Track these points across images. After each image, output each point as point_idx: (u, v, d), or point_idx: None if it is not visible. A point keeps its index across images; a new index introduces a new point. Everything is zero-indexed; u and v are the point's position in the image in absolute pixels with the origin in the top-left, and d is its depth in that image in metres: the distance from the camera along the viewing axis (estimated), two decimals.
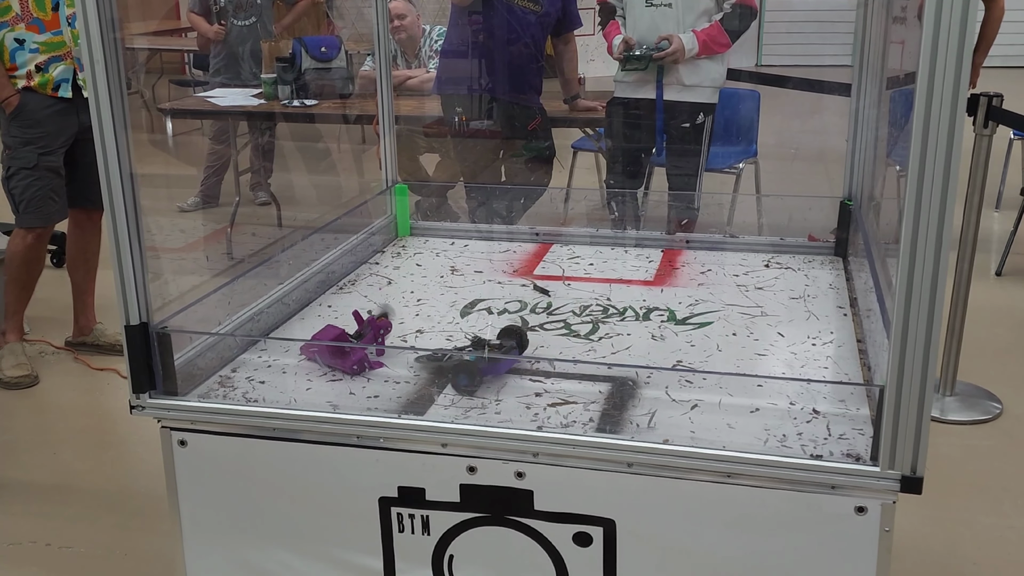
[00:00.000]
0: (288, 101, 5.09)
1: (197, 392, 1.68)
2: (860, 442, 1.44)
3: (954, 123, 1.17)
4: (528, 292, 2.13)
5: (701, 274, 2.22)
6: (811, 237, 2.35)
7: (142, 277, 1.58)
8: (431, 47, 5.06)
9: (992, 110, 3.16)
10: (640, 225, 3.53)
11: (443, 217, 3.50)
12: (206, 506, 1.66)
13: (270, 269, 2.10)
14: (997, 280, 4.55)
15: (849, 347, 1.80)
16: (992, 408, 3.31)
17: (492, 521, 1.54)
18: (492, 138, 4.43)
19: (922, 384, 1.28)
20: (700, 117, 3.91)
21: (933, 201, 1.20)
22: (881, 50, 2.21)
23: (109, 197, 1.53)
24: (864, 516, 1.38)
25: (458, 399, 1.61)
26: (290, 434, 1.58)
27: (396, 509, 1.57)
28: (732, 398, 1.60)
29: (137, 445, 3.10)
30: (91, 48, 1.46)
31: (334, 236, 2.34)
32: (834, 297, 2.05)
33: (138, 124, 7.37)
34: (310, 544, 1.63)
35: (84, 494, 2.88)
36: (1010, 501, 2.77)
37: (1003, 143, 5.44)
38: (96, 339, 3.85)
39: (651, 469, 1.45)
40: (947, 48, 1.14)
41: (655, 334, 1.89)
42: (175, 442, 1.64)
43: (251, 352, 1.84)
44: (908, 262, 1.23)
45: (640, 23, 3.83)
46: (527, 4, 4.15)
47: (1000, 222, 5.29)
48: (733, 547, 1.45)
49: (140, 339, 1.61)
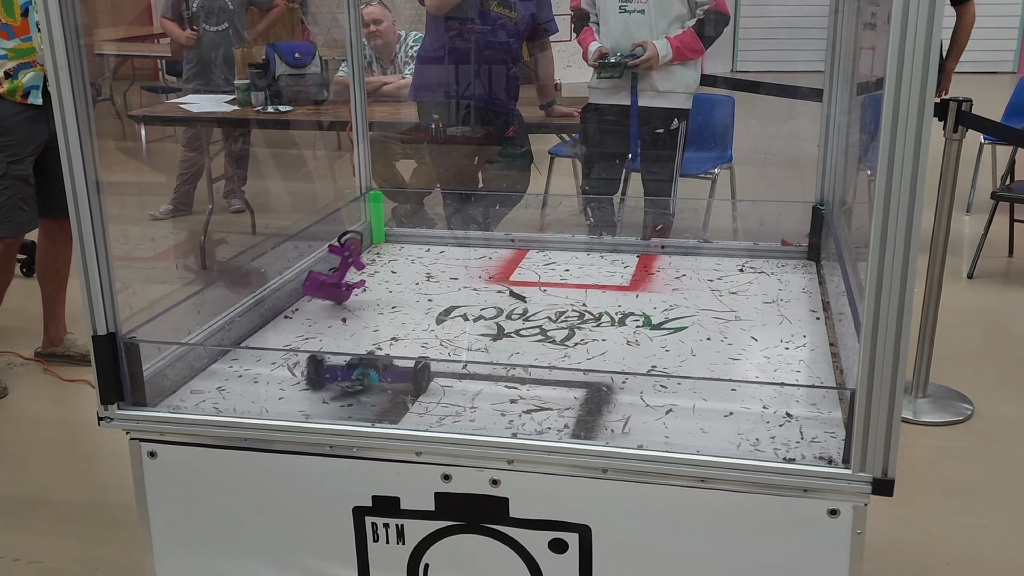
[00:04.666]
0: (262, 107, 5.06)
1: (167, 403, 1.66)
2: (832, 445, 1.44)
3: (921, 127, 1.17)
4: (504, 298, 2.13)
5: (676, 279, 2.22)
6: (784, 242, 2.36)
7: (109, 286, 1.56)
8: (407, 53, 5.05)
9: (961, 115, 3.20)
10: (616, 231, 3.54)
11: (419, 223, 3.49)
12: (177, 518, 1.64)
13: (242, 277, 2.08)
14: (968, 283, 4.60)
15: (822, 351, 1.81)
16: (964, 409, 3.34)
17: (467, 529, 1.53)
18: (469, 144, 4.43)
19: (892, 387, 1.29)
20: (674, 123, 3.92)
21: (901, 205, 1.20)
22: (852, 56, 2.23)
23: (75, 205, 1.51)
24: (837, 519, 1.38)
25: (433, 407, 1.60)
26: (262, 444, 1.57)
27: (370, 518, 1.56)
28: (706, 403, 1.60)
29: (108, 457, 3.07)
30: (55, 54, 1.44)
31: (308, 243, 2.32)
32: (807, 301, 2.06)
33: (110, 131, 7.32)
34: (283, 555, 1.61)
35: (54, 507, 2.84)
36: (982, 501, 2.80)
37: (973, 147, 5.50)
38: (67, 350, 3.80)
39: (626, 475, 1.44)
40: (914, 52, 1.15)
41: (630, 340, 1.88)
42: (145, 454, 1.62)
43: (222, 362, 1.82)
44: (877, 265, 1.23)
45: (614, 29, 3.84)
46: (502, 10, 4.16)
47: (971, 225, 5.35)
48: (708, 551, 1.45)
49: (108, 349, 1.59)
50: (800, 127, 4.89)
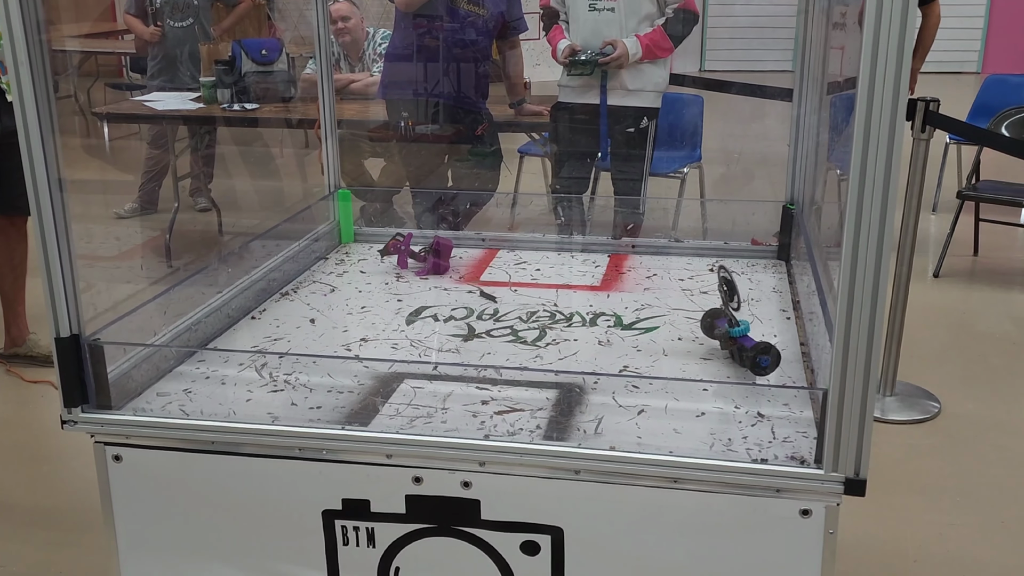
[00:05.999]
0: (228, 105, 5.01)
1: (132, 406, 1.63)
2: (804, 445, 1.44)
3: (894, 127, 1.17)
4: (474, 298, 2.11)
5: (647, 279, 2.22)
6: (754, 241, 2.37)
7: (72, 287, 1.53)
8: (375, 50, 5.02)
9: (929, 115, 3.23)
10: (586, 230, 3.54)
11: (388, 223, 3.47)
12: (143, 522, 1.61)
13: (209, 277, 2.05)
14: (935, 281, 4.65)
15: (792, 350, 1.81)
16: (931, 408, 3.37)
17: (439, 532, 1.52)
18: (438, 143, 4.41)
19: (864, 387, 1.29)
20: (644, 122, 3.93)
21: (874, 204, 1.20)
22: (821, 56, 2.23)
23: (36, 204, 1.48)
24: (809, 519, 1.38)
25: (403, 408, 1.59)
26: (229, 447, 1.54)
27: (340, 522, 1.54)
28: (678, 403, 1.59)
29: (72, 459, 3.02)
30: (15, 50, 1.40)
31: (276, 243, 2.29)
32: (777, 300, 2.07)
33: (73, 129, 7.21)
34: (252, 559, 1.59)
35: (16, 511, 2.79)
36: (949, 499, 2.83)
37: (940, 147, 5.56)
38: (29, 350, 3.74)
39: (598, 476, 1.44)
40: (887, 53, 1.15)
41: (602, 339, 1.88)
42: (109, 457, 1.58)
43: (188, 363, 1.79)
44: (850, 266, 1.23)
45: (583, 28, 3.84)
46: (471, 8, 4.14)
47: (937, 225, 5.42)
48: (680, 552, 1.45)
49: (71, 351, 1.55)
50: (768, 127, 4.94)
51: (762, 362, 1.66)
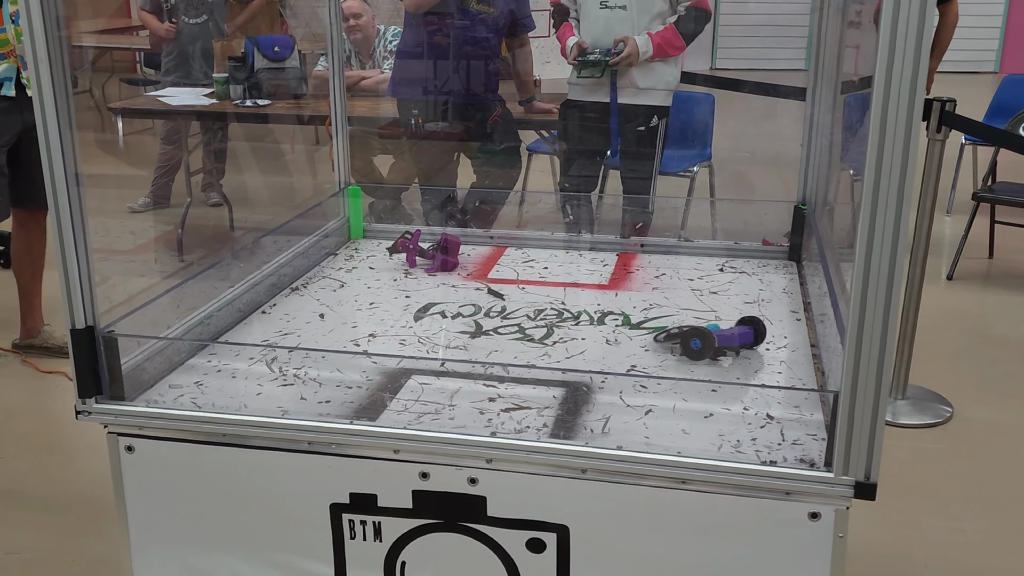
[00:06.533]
0: (240, 101, 5.02)
1: (145, 397, 1.64)
2: (814, 447, 1.44)
3: (910, 127, 1.17)
4: (482, 296, 2.11)
5: (655, 278, 2.22)
6: (765, 241, 2.36)
7: (88, 279, 1.54)
8: (386, 48, 5.03)
9: (945, 115, 3.21)
10: (595, 228, 3.54)
11: (397, 219, 3.47)
12: (154, 512, 1.62)
13: (221, 272, 2.06)
14: (948, 284, 4.63)
15: (803, 352, 1.80)
16: (943, 412, 3.36)
17: (445, 527, 1.52)
18: (447, 140, 4.41)
19: (876, 390, 1.28)
20: (654, 120, 3.92)
21: (889, 206, 1.20)
22: (836, 55, 2.22)
23: (54, 198, 1.49)
24: (818, 522, 1.38)
25: (411, 404, 1.59)
26: (240, 440, 1.55)
27: (348, 515, 1.54)
28: (686, 403, 1.59)
29: (85, 449, 3.04)
30: (35, 46, 1.41)
31: (286, 238, 2.30)
32: (788, 302, 2.06)
33: (88, 124, 7.25)
34: (260, 551, 1.60)
35: (30, 499, 2.81)
36: (960, 504, 2.81)
37: (955, 148, 5.53)
38: (44, 341, 3.76)
39: (605, 475, 1.43)
40: (904, 53, 1.15)
41: (609, 339, 1.88)
42: (122, 448, 1.59)
43: (200, 356, 1.80)
44: (863, 267, 1.23)
45: (594, 25, 3.83)
46: (481, 6, 4.14)
47: (951, 226, 5.39)
48: (687, 553, 1.44)
49: (86, 343, 1.56)
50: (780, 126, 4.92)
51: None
